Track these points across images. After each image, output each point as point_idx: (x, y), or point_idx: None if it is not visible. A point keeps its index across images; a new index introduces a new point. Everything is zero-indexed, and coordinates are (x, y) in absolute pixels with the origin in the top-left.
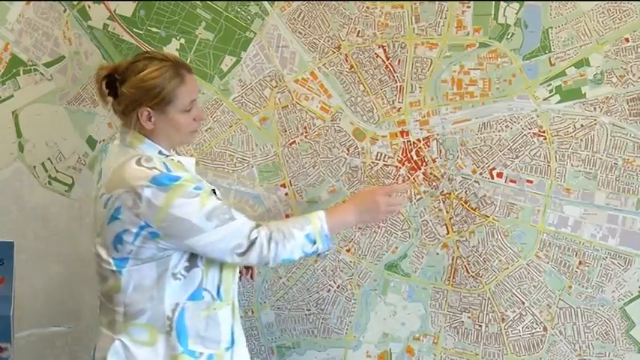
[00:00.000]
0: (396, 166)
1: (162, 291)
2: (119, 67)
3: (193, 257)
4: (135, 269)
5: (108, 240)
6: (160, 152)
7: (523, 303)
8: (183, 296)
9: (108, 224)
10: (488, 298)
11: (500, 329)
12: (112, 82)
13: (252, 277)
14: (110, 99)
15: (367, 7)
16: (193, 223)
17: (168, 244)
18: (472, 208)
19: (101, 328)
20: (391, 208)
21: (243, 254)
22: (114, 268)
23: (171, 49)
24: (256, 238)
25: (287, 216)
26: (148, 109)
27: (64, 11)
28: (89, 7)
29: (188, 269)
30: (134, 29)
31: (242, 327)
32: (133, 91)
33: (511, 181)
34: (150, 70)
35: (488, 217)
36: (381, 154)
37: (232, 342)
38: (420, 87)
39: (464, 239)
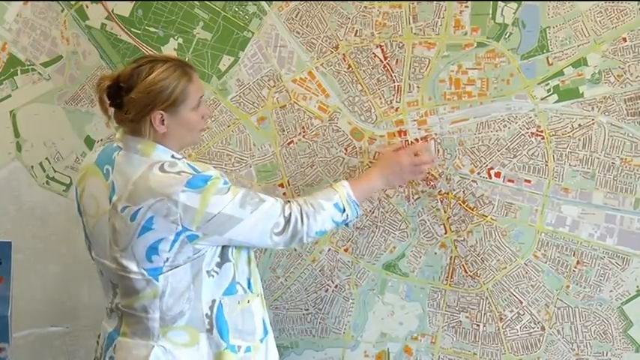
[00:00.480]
0: None
1: (198, 290)
2: (122, 75)
3: (224, 252)
4: (170, 274)
5: (139, 253)
6: (173, 156)
7: (521, 302)
8: (219, 292)
9: (139, 237)
10: (486, 298)
11: (498, 329)
12: (116, 92)
13: None
14: (112, 110)
15: (365, 7)
16: (230, 215)
17: (206, 243)
18: (470, 208)
19: (122, 339)
20: (417, 168)
21: (281, 233)
22: (148, 277)
23: (169, 48)
24: (290, 214)
25: None
26: (161, 112)
27: (62, 11)
28: (87, 6)
29: (220, 265)
30: (132, 29)
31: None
32: (143, 96)
33: (509, 180)
34: (157, 72)
35: (486, 216)
36: (379, 153)
37: (265, 332)
38: (418, 87)
39: (462, 239)
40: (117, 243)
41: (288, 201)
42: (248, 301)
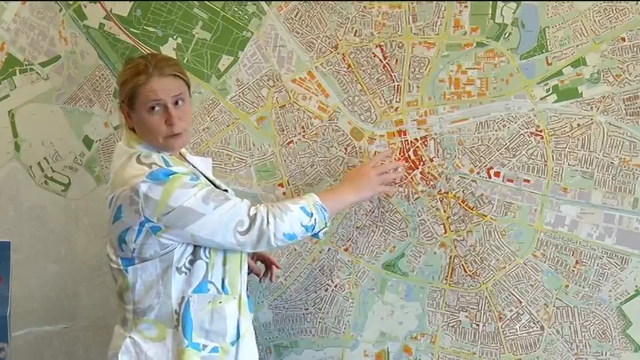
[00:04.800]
0: None
1: (168, 286)
2: None
3: (197, 250)
4: (139, 267)
5: (114, 240)
6: (157, 151)
7: (520, 302)
8: (189, 289)
9: (112, 224)
10: (486, 298)
11: (498, 328)
12: None
13: (270, 279)
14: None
15: (365, 7)
16: (192, 208)
17: (170, 237)
18: (469, 208)
19: (115, 327)
20: (384, 177)
21: (246, 232)
22: (120, 267)
23: (168, 48)
24: (256, 214)
25: None
26: (124, 105)
27: (60, 11)
28: (85, 6)
29: (192, 262)
30: (130, 29)
31: (252, 323)
32: (117, 88)
33: (508, 180)
34: (124, 68)
35: (486, 216)
36: (379, 153)
37: (238, 336)
38: (418, 86)
39: (461, 238)
40: (106, 229)
41: (256, 204)
42: (220, 302)
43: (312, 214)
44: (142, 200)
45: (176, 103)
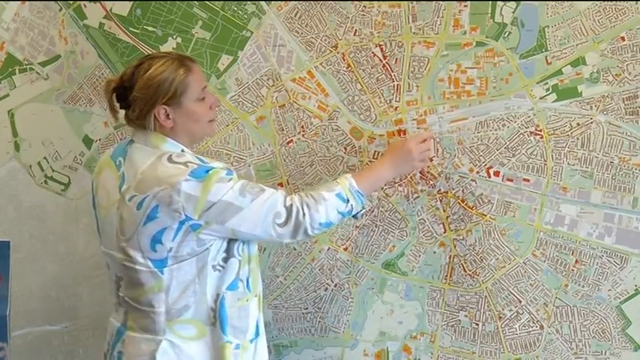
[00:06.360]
0: None
1: (203, 284)
2: (124, 76)
3: (230, 248)
4: (175, 267)
5: (144, 242)
6: (183, 150)
7: (520, 301)
8: (223, 286)
9: (144, 225)
10: (485, 297)
11: (497, 328)
12: (122, 93)
13: None
14: (122, 112)
15: (364, 6)
16: (230, 202)
17: (210, 233)
18: (469, 207)
19: (130, 333)
20: (423, 155)
21: (284, 224)
22: (153, 269)
23: (168, 48)
24: (292, 205)
25: None
26: (164, 106)
27: (60, 10)
28: (85, 6)
29: (226, 260)
30: (130, 28)
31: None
32: (144, 92)
33: (508, 179)
34: (155, 67)
35: (485, 215)
36: (379, 152)
37: (257, 334)
38: (417, 86)
39: (461, 238)
40: (123, 232)
41: (290, 194)
42: (247, 300)
43: (348, 200)
44: (182, 199)
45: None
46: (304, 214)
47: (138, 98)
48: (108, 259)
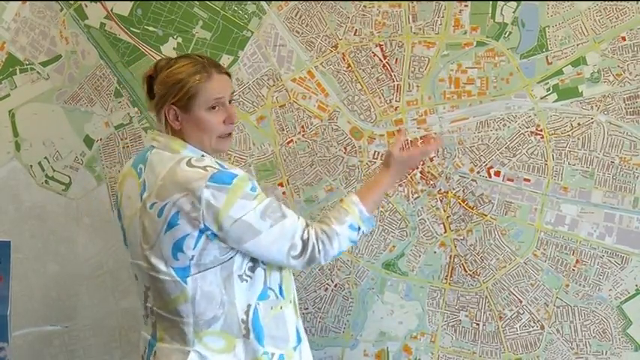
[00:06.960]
0: None
1: (231, 295)
2: (157, 66)
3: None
4: (199, 276)
5: (166, 250)
6: (203, 156)
7: (520, 301)
8: (253, 297)
9: (165, 233)
10: (486, 297)
11: (498, 328)
12: (150, 83)
13: None
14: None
15: (364, 6)
16: (250, 224)
17: (227, 245)
18: (469, 207)
19: (161, 345)
20: (415, 160)
21: (298, 256)
22: (176, 279)
23: (169, 48)
24: (308, 239)
25: None
26: (174, 106)
27: (61, 10)
28: (86, 6)
29: (252, 269)
30: (131, 28)
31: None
32: (161, 88)
33: (508, 179)
34: (177, 66)
35: (486, 215)
36: (379, 152)
37: (299, 340)
38: (418, 86)
39: (461, 238)
40: (146, 241)
41: (309, 224)
42: (281, 307)
43: (359, 228)
44: (203, 207)
45: (229, 102)
46: (319, 251)
47: (155, 92)
48: (135, 270)
